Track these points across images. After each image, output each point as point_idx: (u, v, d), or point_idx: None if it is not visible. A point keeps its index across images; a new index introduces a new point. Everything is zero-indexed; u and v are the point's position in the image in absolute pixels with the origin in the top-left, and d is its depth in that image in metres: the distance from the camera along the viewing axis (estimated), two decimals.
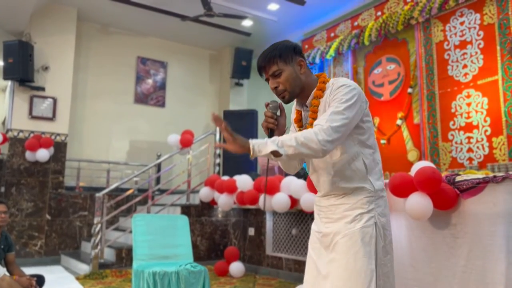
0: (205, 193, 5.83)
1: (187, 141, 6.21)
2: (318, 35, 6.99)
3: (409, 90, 5.29)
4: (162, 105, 8.37)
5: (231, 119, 7.35)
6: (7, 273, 3.47)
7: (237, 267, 5.19)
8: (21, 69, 6.25)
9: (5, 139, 6.31)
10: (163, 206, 6.15)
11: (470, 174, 2.97)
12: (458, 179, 2.84)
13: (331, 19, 7.04)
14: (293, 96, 1.79)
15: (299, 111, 1.89)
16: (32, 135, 6.44)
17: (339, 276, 1.66)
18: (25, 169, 6.36)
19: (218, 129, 6.75)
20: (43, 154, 6.27)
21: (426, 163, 3.21)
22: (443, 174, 3.03)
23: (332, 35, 6.53)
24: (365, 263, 1.63)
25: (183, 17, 6.81)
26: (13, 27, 6.88)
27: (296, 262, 4.93)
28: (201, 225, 6.00)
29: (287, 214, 5.25)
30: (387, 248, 1.73)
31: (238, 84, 8.66)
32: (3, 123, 8.12)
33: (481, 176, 2.77)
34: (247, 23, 7.60)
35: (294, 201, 4.55)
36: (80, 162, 7.21)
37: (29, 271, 3.97)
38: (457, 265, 2.74)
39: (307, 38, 7.26)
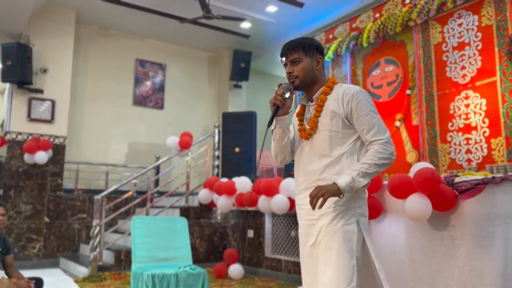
0: (204, 195, 5.82)
1: (186, 143, 6.21)
2: (316, 37, 6.98)
3: (408, 91, 5.29)
4: (161, 107, 8.37)
5: (229, 121, 7.35)
6: (5, 276, 3.46)
7: (236, 269, 5.18)
8: (20, 71, 6.24)
9: (3, 142, 6.30)
10: (162, 208, 6.15)
11: (469, 175, 2.97)
12: (457, 180, 2.84)
13: (329, 21, 7.04)
14: (303, 85, 1.95)
15: (303, 106, 2.04)
16: (30, 137, 6.43)
17: (323, 272, 1.76)
18: (23, 172, 6.34)
19: (217, 130, 6.77)
20: (42, 156, 6.26)
21: (425, 164, 3.21)
22: (442, 175, 3.03)
23: (330, 37, 6.53)
24: (347, 259, 1.73)
25: (181, 19, 6.82)
26: (11, 30, 6.87)
27: (295, 264, 4.92)
28: (200, 227, 5.99)
29: (286, 216, 5.25)
30: (364, 247, 1.83)
31: (236, 86, 8.66)
32: (2, 125, 8.10)
33: (480, 177, 2.77)
34: (246, 25, 7.61)
35: (293, 203, 4.55)
36: (78, 164, 7.20)
37: (27, 274, 3.96)
38: (455, 266, 2.74)
39: None
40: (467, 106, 4.67)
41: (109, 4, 6.78)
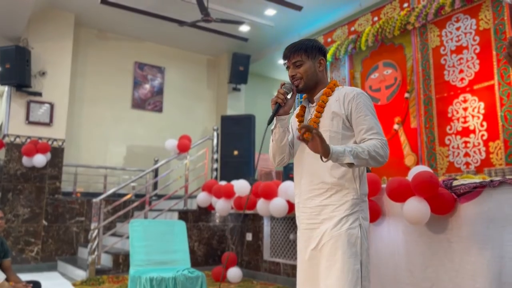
0: (203, 198, 5.82)
1: (184, 146, 6.21)
2: None
3: (406, 95, 5.30)
4: (159, 110, 8.37)
5: (228, 124, 7.35)
6: (6, 281, 3.44)
7: (235, 273, 5.17)
8: (18, 74, 6.24)
9: (1, 145, 6.29)
10: (160, 211, 6.13)
11: (467, 178, 2.97)
12: (455, 183, 2.84)
13: (327, 24, 7.06)
14: (306, 87, 1.95)
15: (303, 107, 2.04)
16: (29, 140, 6.43)
17: (327, 277, 1.75)
18: (21, 175, 6.33)
19: (215, 133, 6.76)
20: (40, 159, 6.25)
21: (423, 168, 3.21)
22: (440, 178, 3.03)
23: (329, 40, 6.54)
24: (352, 264, 1.73)
25: (180, 23, 6.83)
26: (10, 33, 6.87)
27: (294, 267, 4.91)
28: (198, 231, 5.98)
29: (284, 219, 5.25)
30: (368, 251, 1.83)
31: (235, 89, 8.67)
32: (0, 128, 8.10)
33: (478, 180, 2.77)
34: (244, 29, 7.63)
35: (291, 206, 4.55)
36: (77, 167, 7.19)
37: (25, 277, 3.93)
38: (453, 269, 2.74)
39: None
40: (465, 109, 4.68)
41: (108, 7, 6.79)
